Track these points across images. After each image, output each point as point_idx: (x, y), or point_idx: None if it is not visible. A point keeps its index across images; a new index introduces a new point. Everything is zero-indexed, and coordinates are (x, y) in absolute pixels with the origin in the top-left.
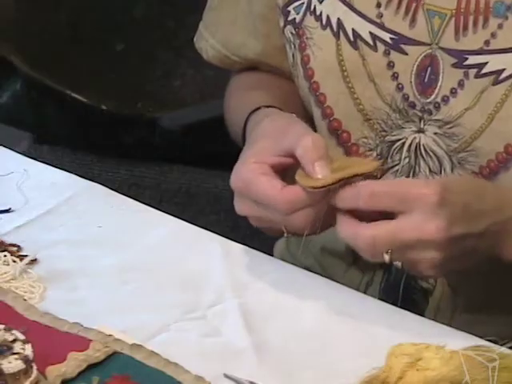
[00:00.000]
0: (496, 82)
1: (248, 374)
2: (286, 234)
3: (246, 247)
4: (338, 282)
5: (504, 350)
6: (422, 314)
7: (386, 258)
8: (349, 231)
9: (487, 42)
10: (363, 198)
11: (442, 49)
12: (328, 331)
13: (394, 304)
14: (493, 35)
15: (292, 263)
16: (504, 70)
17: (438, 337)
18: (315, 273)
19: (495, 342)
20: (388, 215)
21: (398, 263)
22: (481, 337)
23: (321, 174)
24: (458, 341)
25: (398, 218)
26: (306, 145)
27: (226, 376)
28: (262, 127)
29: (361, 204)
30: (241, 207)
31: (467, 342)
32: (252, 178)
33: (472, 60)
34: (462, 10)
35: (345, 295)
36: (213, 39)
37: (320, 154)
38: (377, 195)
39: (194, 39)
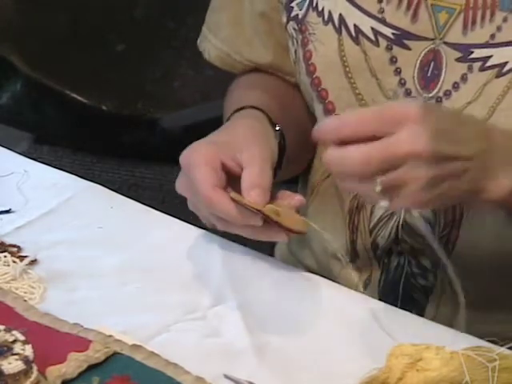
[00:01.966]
0: (499, 75)
1: (248, 375)
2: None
3: (246, 247)
4: (335, 281)
5: (504, 350)
6: (422, 313)
7: (378, 187)
8: (336, 154)
9: (493, 36)
10: (350, 125)
11: (447, 43)
12: (328, 332)
13: (394, 303)
14: (498, 29)
15: (293, 263)
16: (507, 62)
17: (438, 337)
18: (315, 273)
19: (495, 343)
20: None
21: (385, 203)
22: (481, 337)
23: (253, 199)
24: (458, 341)
25: (386, 137)
26: (255, 168)
27: (226, 376)
28: (244, 124)
29: (347, 131)
30: (180, 184)
31: (467, 342)
32: (199, 165)
33: (477, 53)
34: (471, 5)
35: (345, 295)
36: (216, 39)
37: (262, 184)
38: (365, 120)
39: (198, 41)
